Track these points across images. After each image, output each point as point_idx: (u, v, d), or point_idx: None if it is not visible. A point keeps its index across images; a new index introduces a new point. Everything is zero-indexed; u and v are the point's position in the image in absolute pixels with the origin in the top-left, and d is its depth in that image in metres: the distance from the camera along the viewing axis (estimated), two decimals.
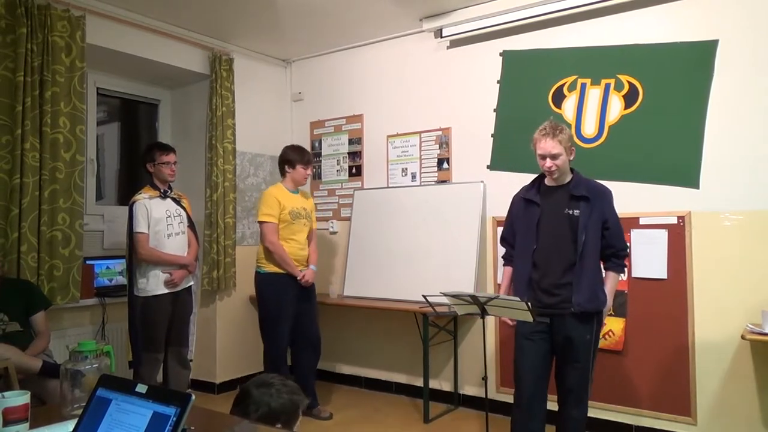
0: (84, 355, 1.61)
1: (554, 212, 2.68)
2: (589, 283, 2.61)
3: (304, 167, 3.83)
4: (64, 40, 3.43)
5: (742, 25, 3.13)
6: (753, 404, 3.05)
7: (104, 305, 3.85)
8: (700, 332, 3.19)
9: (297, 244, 3.80)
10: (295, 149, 3.91)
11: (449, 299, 2.85)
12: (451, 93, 4.14)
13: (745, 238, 3.09)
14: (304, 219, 3.85)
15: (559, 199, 2.68)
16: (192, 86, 4.57)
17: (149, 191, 3.50)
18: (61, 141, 3.40)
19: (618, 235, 2.70)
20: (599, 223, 2.64)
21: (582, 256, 2.60)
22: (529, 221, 2.74)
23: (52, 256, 3.37)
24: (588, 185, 2.69)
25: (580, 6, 3.51)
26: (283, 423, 1.67)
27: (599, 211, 2.64)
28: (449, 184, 4.13)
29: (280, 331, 3.73)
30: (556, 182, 2.71)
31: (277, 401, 1.67)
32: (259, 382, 1.73)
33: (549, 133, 2.61)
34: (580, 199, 2.63)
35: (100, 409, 1.19)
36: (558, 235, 2.66)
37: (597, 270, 2.67)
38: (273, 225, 3.73)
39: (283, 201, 3.76)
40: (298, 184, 3.90)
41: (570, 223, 2.63)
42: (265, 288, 3.77)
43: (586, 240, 2.60)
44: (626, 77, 3.46)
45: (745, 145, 3.11)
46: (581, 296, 2.59)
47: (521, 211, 2.80)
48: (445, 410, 3.96)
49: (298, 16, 4.03)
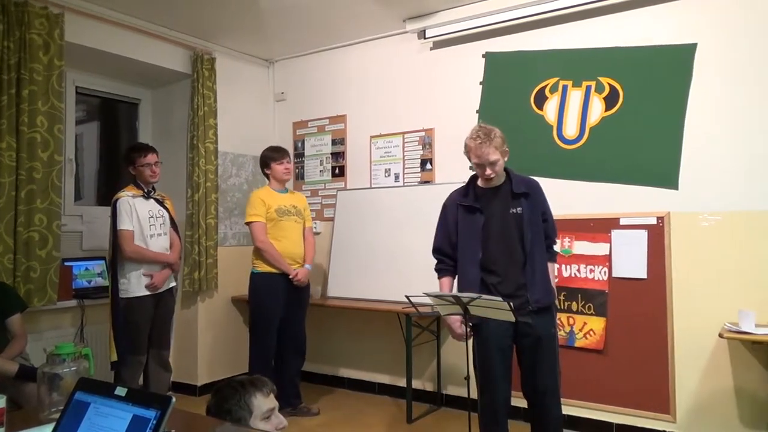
0: (62, 358, 1.58)
1: (500, 214, 2.64)
2: (541, 278, 2.62)
3: (278, 163, 3.86)
4: (42, 38, 3.38)
5: (719, 29, 3.19)
6: (730, 401, 3.11)
7: (83, 307, 3.79)
8: (679, 331, 3.24)
9: (289, 242, 3.80)
10: (268, 149, 3.97)
11: (432, 299, 2.85)
12: (435, 94, 4.16)
13: (723, 238, 3.15)
14: (294, 216, 3.86)
15: (501, 200, 2.66)
16: (173, 86, 4.53)
17: (133, 189, 3.46)
18: (38, 140, 3.35)
19: (553, 225, 2.76)
20: (539, 216, 2.67)
21: (531, 252, 2.60)
22: (472, 228, 2.66)
23: (28, 258, 3.31)
24: (524, 181, 2.70)
25: (562, 9, 3.55)
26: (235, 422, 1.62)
27: (539, 205, 2.68)
28: (432, 185, 4.14)
29: (270, 331, 3.74)
30: (491, 184, 2.68)
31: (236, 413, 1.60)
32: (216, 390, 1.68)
33: (484, 140, 2.53)
34: (521, 197, 2.63)
35: (78, 413, 1.17)
36: (507, 237, 2.63)
37: (544, 263, 2.67)
38: (260, 224, 3.74)
39: (267, 200, 3.78)
40: (282, 182, 3.92)
41: (516, 222, 2.62)
42: (257, 288, 3.79)
43: (532, 236, 2.61)
44: (607, 79, 3.50)
45: (723, 147, 3.16)
46: (538, 293, 2.59)
47: (461, 218, 2.71)
48: (428, 410, 3.97)
49: (280, 15, 4.02)
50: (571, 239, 3.56)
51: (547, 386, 2.65)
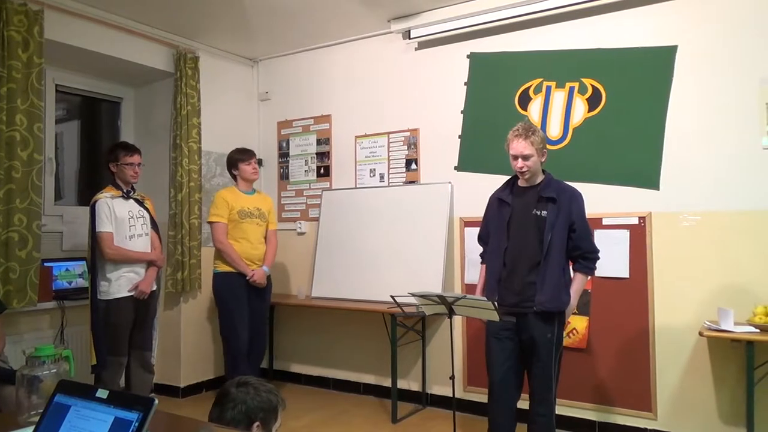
0: (41, 360, 1.55)
1: (523, 212, 2.74)
2: (552, 283, 2.65)
3: (246, 164, 3.92)
4: (21, 35, 3.32)
5: (699, 32, 3.23)
6: (710, 398, 3.16)
7: (63, 308, 3.73)
8: (660, 330, 3.28)
9: (248, 243, 3.85)
10: (235, 151, 4.01)
11: (417, 299, 2.86)
12: (420, 94, 4.16)
13: (703, 238, 3.19)
14: (256, 219, 3.90)
15: (528, 199, 2.74)
16: (156, 84, 4.48)
17: (111, 191, 3.42)
18: (17, 139, 3.29)
19: (585, 237, 2.73)
20: (566, 224, 2.68)
21: (547, 256, 2.65)
22: (500, 221, 2.80)
23: (8, 258, 3.26)
24: (558, 187, 2.74)
25: (546, 10, 3.57)
26: (261, 421, 1.69)
27: (566, 213, 2.69)
28: (417, 185, 4.15)
29: (238, 329, 3.78)
30: (527, 183, 2.77)
31: (254, 400, 1.70)
32: (239, 382, 1.77)
33: (521, 134, 2.68)
34: (548, 201, 2.69)
35: (58, 416, 1.15)
36: (525, 235, 2.71)
37: (561, 270, 2.70)
38: (221, 225, 3.81)
39: (231, 201, 3.84)
40: (250, 182, 3.98)
41: (537, 224, 2.69)
42: (219, 288, 3.87)
43: (552, 240, 2.65)
44: (590, 81, 3.53)
45: (703, 149, 3.21)
46: (544, 296, 2.64)
47: (495, 211, 2.86)
48: (414, 410, 3.97)
49: (265, 14, 3.99)
50: None
51: (535, 384, 2.69)
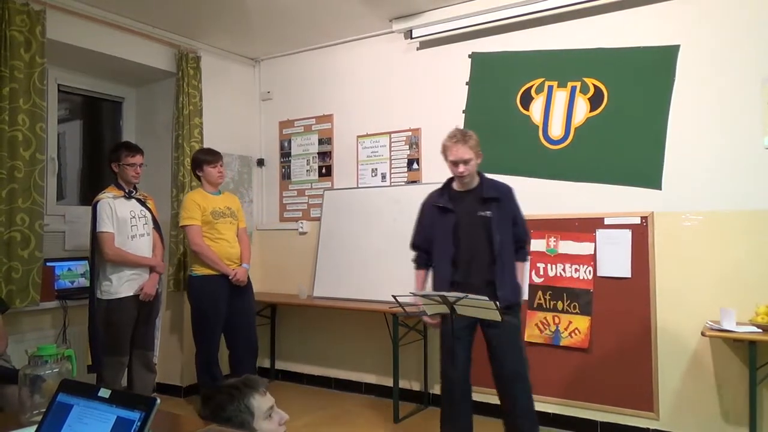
0: (44, 360, 1.56)
1: (469, 216, 2.85)
2: (509, 278, 2.82)
3: (212, 166, 3.80)
4: (23, 35, 3.33)
5: (701, 32, 3.23)
6: (712, 398, 3.15)
7: (66, 308, 3.74)
8: (662, 330, 3.28)
9: (226, 242, 3.78)
10: (201, 151, 3.90)
11: (419, 299, 2.86)
12: (421, 94, 4.16)
13: (705, 237, 3.19)
14: (229, 218, 3.84)
15: (471, 202, 2.86)
16: (158, 84, 4.48)
17: (113, 191, 3.42)
18: (20, 139, 3.30)
19: (524, 227, 2.93)
20: (509, 220, 2.85)
21: (500, 253, 2.78)
22: (445, 227, 2.89)
23: (10, 258, 3.26)
24: (496, 186, 2.88)
25: (548, 10, 3.57)
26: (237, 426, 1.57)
27: (508, 210, 2.85)
28: (419, 185, 4.14)
29: (215, 334, 3.71)
30: (465, 186, 2.88)
31: (221, 417, 1.55)
32: (204, 395, 1.67)
33: (460, 139, 2.79)
34: (491, 201, 2.82)
35: (60, 416, 1.15)
36: (475, 238, 2.83)
37: (513, 264, 2.87)
38: (196, 227, 3.69)
39: (202, 203, 3.73)
40: (215, 185, 3.86)
41: (484, 225, 2.81)
42: (197, 291, 3.72)
43: (501, 239, 2.79)
44: (591, 80, 3.53)
45: (705, 148, 3.20)
46: (506, 291, 2.77)
47: (435, 218, 2.95)
48: (415, 410, 3.97)
49: (267, 14, 4.00)
50: (556, 239, 3.59)
51: (517, 372, 2.78)
